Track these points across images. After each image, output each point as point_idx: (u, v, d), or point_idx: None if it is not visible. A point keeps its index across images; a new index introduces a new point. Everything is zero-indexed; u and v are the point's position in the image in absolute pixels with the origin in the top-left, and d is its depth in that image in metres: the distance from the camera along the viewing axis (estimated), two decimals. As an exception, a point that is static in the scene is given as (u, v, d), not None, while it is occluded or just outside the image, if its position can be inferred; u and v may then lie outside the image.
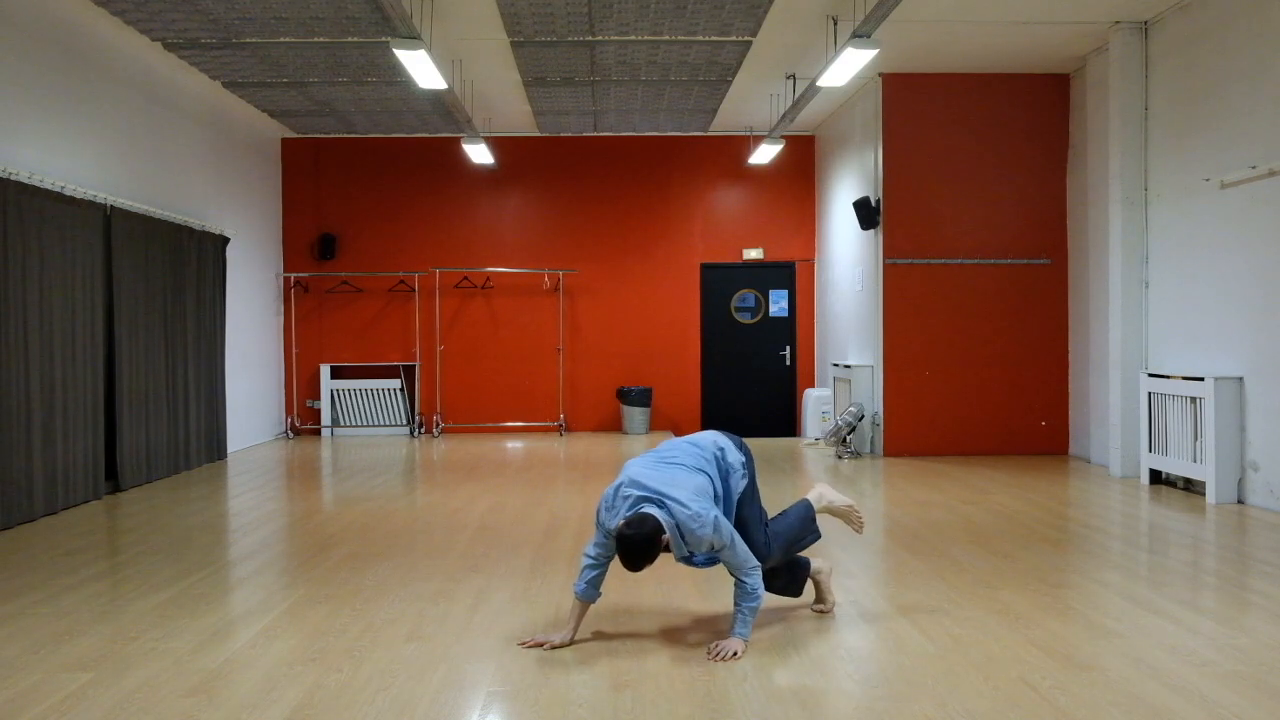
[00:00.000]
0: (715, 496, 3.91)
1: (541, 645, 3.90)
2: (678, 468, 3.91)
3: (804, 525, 4.23)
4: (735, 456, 4.08)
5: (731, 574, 3.88)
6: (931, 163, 9.97)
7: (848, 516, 4.40)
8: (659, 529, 3.68)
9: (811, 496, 4.36)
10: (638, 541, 3.64)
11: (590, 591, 3.92)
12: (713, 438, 4.13)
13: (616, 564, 3.93)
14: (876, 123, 10.07)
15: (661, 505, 3.74)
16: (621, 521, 3.72)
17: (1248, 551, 5.63)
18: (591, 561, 3.91)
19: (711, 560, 3.90)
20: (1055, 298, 10.00)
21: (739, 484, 4.04)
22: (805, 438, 11.88)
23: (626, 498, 3.81)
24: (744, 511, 4.04)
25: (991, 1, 7.86)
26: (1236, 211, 7.18)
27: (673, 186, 12.80)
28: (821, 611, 4.35)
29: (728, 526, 3.79)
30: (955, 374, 10.00)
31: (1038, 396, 10.02)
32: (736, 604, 3.86)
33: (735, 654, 3.76)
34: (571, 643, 3.92)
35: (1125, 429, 8.40)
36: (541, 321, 12.79)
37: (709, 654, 3.78)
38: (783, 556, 4.15)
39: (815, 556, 4.42)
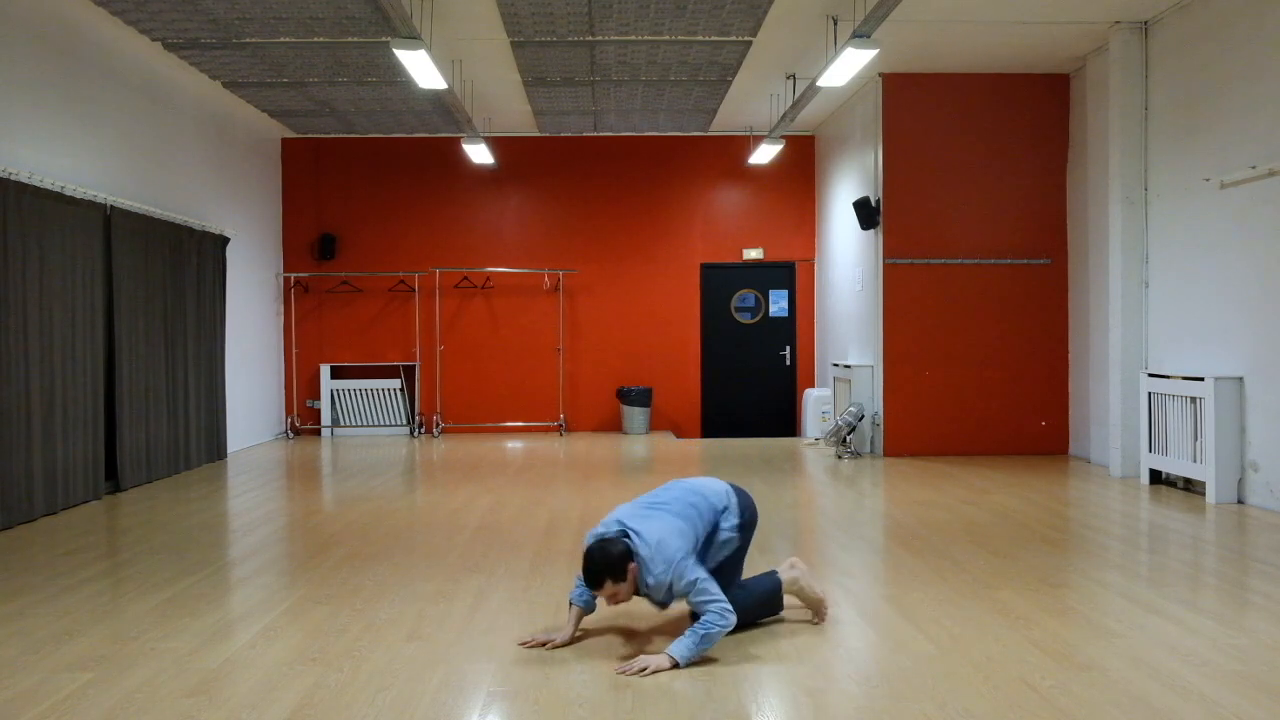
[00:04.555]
0: (695, 543, 3.86)
1: (542, 645, 3.90)
2: (663, 512, 3.91)
3: (763, 604, 4.13)
4: (732, 523, 4.03)
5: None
6: (931, 163, 9.96)
7: (816, 608, 4.19)
8: (628, 554, 3.74)
9: (784, 573, 4.19)
10: (596, 557, 3.73)
11: (588, 599, 3.97)
12: (725, 490, 4.10)
13: None
14: (876, 123, 10.07)
15: (629, 539, 3.80)
16: (595, 540, 3.81)
17: (1248, 551, 5.63)
18: None
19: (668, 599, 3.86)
20: (1055, 298, 10.00)
21: (724, 551, 4.02)
22: (805, 438, 11.87)
23: (608, 525, 3.90)
24: (720, 571, 3.98)
25: (991, 1, 7.86)
26: (1236, 211, 7.18)
27: (673, 186, 12.80)
28: (817, 622, 4.17)
29: (693, 570, 3.73)
30: (955, 374, 9.99)
31: (1038, 396, 10.02)
32: (692, 628, 3.72)
33: (645, 669, 3.57)
34: (571, 643, 3.93)
35: (1125, 429, 8.40)
36: (541, 321, 12.78)
37: (621, 667, 3.61)
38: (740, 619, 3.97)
39: (784, 568, 4.23)
